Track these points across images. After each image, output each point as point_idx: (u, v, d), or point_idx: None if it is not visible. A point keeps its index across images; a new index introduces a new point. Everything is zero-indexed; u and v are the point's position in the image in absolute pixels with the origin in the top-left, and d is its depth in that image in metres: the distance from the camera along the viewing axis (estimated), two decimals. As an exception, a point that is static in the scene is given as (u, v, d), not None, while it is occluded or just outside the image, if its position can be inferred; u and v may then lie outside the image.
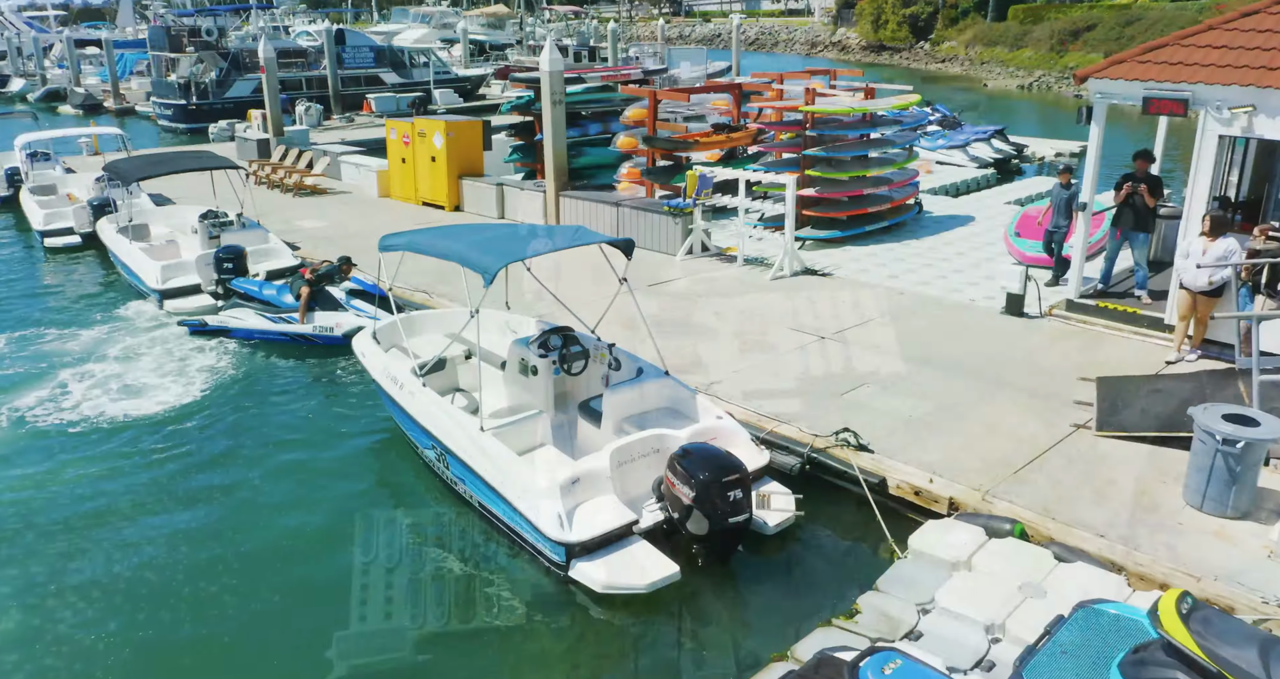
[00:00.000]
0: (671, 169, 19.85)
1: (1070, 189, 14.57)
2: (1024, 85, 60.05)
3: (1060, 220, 14.70)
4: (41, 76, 61.05)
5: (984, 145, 28.37)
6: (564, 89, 18.81)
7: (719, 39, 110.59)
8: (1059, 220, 14.73)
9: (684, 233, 16.90)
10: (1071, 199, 14.41)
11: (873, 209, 18.04)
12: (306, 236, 19.16)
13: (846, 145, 17.86)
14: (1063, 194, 14.64)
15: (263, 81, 29.34)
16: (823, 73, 24.08)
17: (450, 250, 9.56)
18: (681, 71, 47.38)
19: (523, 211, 20.18)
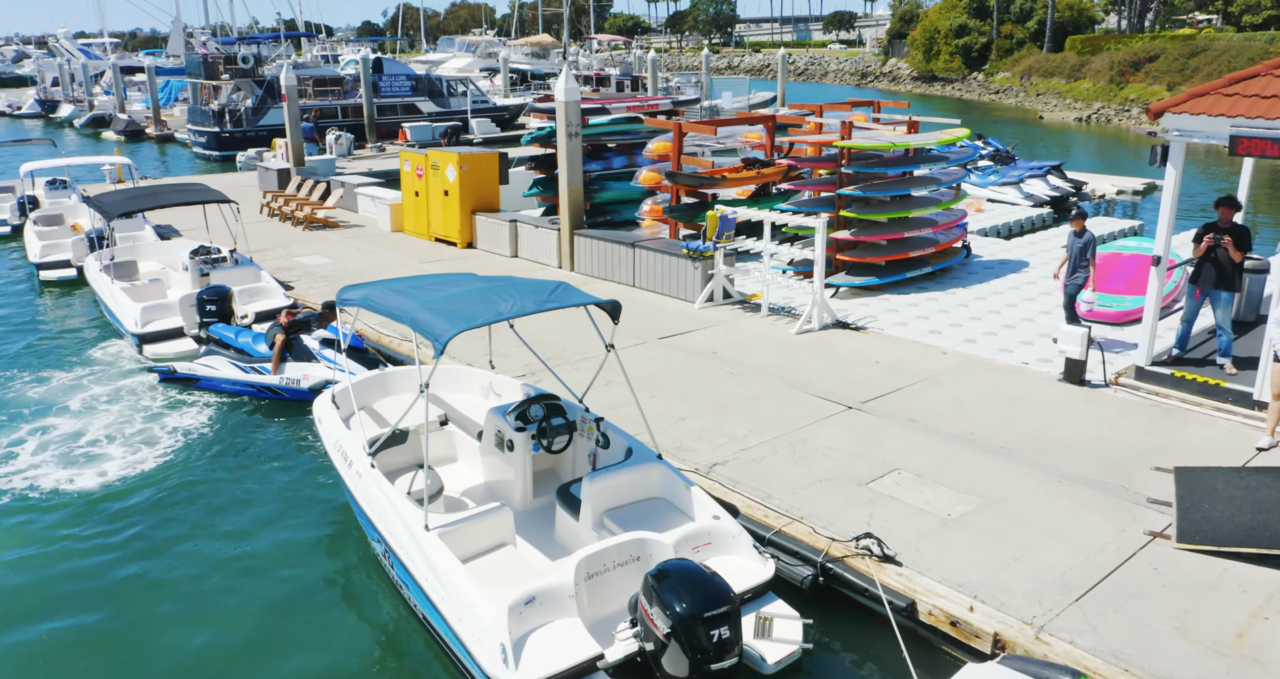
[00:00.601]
0: (697, 207, 18.39)
1: (1084, 237, 12.85)
2: (1082, 118, 57.84)
3: (1078, 275, 12.96)
4: (89, 103, 61.68)
5: (1039, 182, 26.55)
6: (580, 120, 17.49)
7: (768, 69, 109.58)
8: (1076, 274, 12.98)
9: (704, 278, 15.41)
10: (1086, 249, 12.76)
11: (915, 254, 16.41)
12: (304, 274, 17.98)
13: (886, 183, 16.28)
14: (1077, 243, 12.90)
15: (286, 109, 28.51)
16: (865, 104, 22.52)
17: (402, 310, 8.16)
18: (723, 101, 46.11)
19: (536, 250, 18.84)
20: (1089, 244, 12.80)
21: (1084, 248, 12.84)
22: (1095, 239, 12.92)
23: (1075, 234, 13.00)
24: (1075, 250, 12.92)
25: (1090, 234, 12.84)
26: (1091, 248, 12.77)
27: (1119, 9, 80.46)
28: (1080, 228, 12.98)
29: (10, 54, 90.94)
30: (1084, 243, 12.86)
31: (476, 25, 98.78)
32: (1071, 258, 12.98)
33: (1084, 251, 12.82)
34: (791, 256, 15.02)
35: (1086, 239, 12.85)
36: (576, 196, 17.73)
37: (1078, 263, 12.91)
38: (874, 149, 15.93)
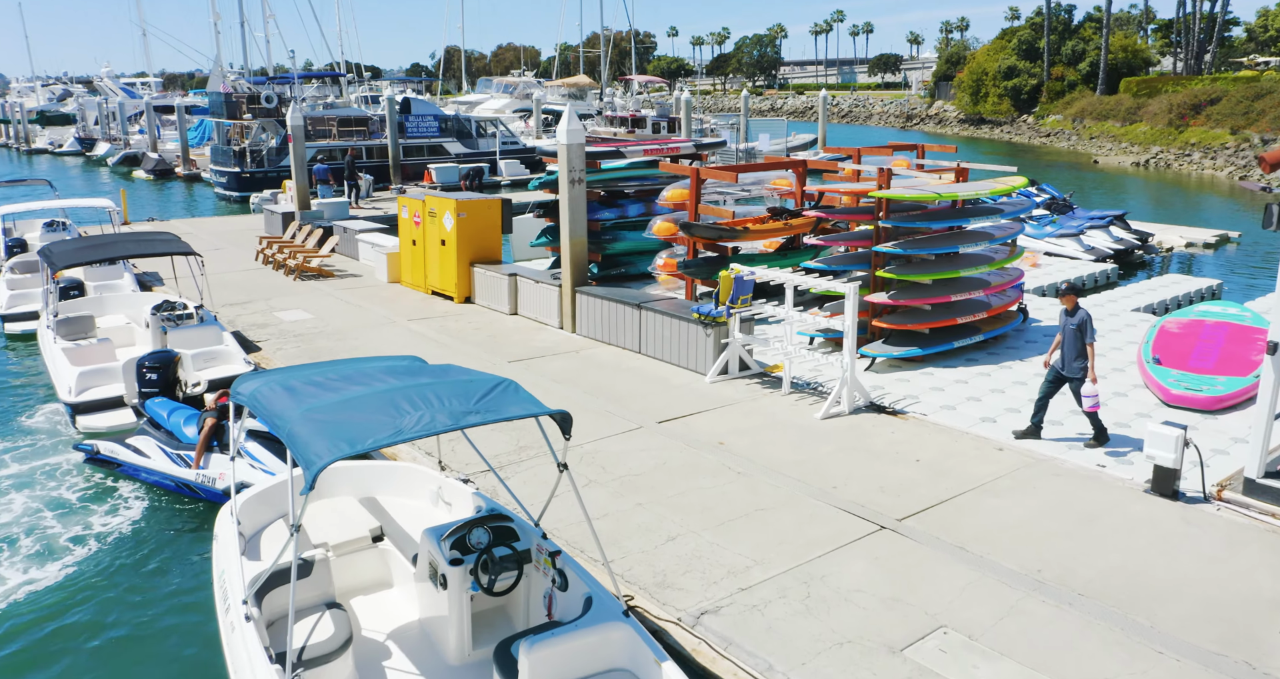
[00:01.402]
0: (715, 262, 16.39)
1: (1077, 316, 10.66)
2: (1140, 162, 55.18)
3: (1071, 361, 10.72)
4: (125, 141, 61.59)
5: (1101, 233, 24.21)
6: (585, 165, 15.62)
7: (811, 111, 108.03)
8: (1069, 361, 10.74)
9: (717, 347, 13.34)
10: (1082, 331, 10.57)
11: (963, 319, 14.21)
12: (277, 333, 16.21)
13: (931, 239, 14.16)
14: (1069, 324, 10.71)
15: (291, 150, 27.11)
16: (908, 147, 20.44)
17: (282, 418, 6.19)
18: (759, 144, 44.34)
19: (537, 308, 16.92)
20: (1083, 325, 10.61)
21: (1079, 329, 10.64)
22: (1091, 319, 10.71)
23: (1066, 313, 10.81)
24: (1068, 333, 10.73)
25: (1084, 313, 10.66)
26: (1089, 330, 10.59)
27: (1174, 51, 77.83)
28: (1072, 305, 10.77)
29: (57, 92, 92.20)
30: (1078, 323, 10.67)
31: (529, 69, 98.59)
32: (1064, 339, 10.78)
33: (1079, 334, 10.63)
34: (820, 325, 12.92)
35: (1080, 319, 10.66)
36: (579, 250, 15.82)
37: (1070, 346, 10.70)
38: (917, 200, 13.85)
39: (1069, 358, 10.76)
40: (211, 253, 24.29)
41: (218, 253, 24.34)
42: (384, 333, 16.07)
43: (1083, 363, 10.65)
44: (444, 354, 14.66)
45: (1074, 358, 10.71)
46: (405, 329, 16.35)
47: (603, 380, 13.28)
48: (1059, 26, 78.61)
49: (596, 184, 19.43)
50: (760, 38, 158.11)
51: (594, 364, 14.14)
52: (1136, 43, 78.20)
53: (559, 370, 13.80)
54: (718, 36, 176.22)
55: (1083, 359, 10.65)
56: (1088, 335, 10.61)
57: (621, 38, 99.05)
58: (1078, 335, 10.66)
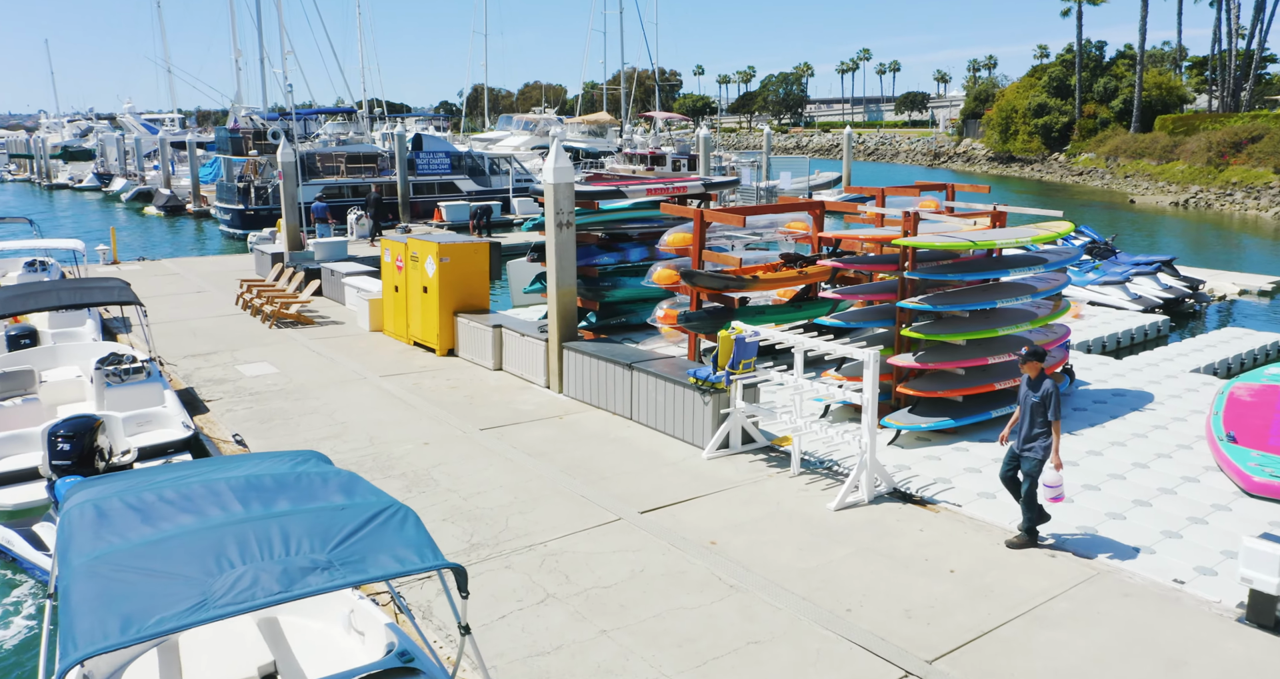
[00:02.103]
0: (720, 314, 14.66)
1: (1042, 387, 8.83)
2: (1179, 202, 53.06)
3: (1028, 439, 8.90)
4: (140, 177, 61.14)
5: (1148, 280, 22.27)
6: (574, 207, 13.99)
7: (836, 149, 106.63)
8: (1026, 438, 8.93)
9: (716, 418, 11.55)
10: (1044, 404, 8.76)
11: (1002, 385, 12.35)
12: (234, 390, 14.60)
13: (964, 294, 12.35)
14: (1031, 396, 8.90)
15: (281, 188, 25.79)
16: (936, 187, 18.69)
17: (64, 564, 4.49)
18: (781, 182, 42.78)
19: (522, 364, 15.23)
20: (1048, 399, 8.78)
21: (1042, 403, 8.80)
22: (1058, 391, 8.90)
23: (1029, 382, 8.99)
24: (1028, 406, 8.90)
25: (1050, 384, 8.83)
26: (1053, 403, 8.75)
27: (1209, 88, 75.83)
28: (1035, 373, 8.96)
29: (82, 128, 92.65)
30: (1042, 395, 8.83)
31: (550, 106, 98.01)
32: (1024, 416, 8.94)
33: (1043, 408, 8.79)
34: (834, 394, 11.11)
35: (1045, 391, 8.83)
36: (568, 300, 14.13)
37: (1030, 420, 8.86)
38: (948, 249, 12.08)
39: (1024, 434, 8.93)
40: (192, 296, 22.90)
41: (199, 296, 22.94)
42: (349, 392, 14.42)
43: (1044, 443, 8.81)
44: (408, 419, 12.97)
45: (1032, 436, 8.88)
46: (374, 387, 14.69)
47: (584, 455, 11.52)
48: (1090, 63, 76.92)
49: (596, 226, 17.85)
50: (786, 76, 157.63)
51: (578, 433, 12.39)
52: (1171, 80, 76.29)
53: (536, 441, 12.06)
54: (744, 75, 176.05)
55: (1044, 438, 8.81)
56: (1051, 411, 8.77)
57: (647, 76, 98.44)
58: (1040, 410, 8.83)
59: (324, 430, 12.55)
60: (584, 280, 17.70)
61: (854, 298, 12.85)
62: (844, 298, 12.69)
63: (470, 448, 11.78)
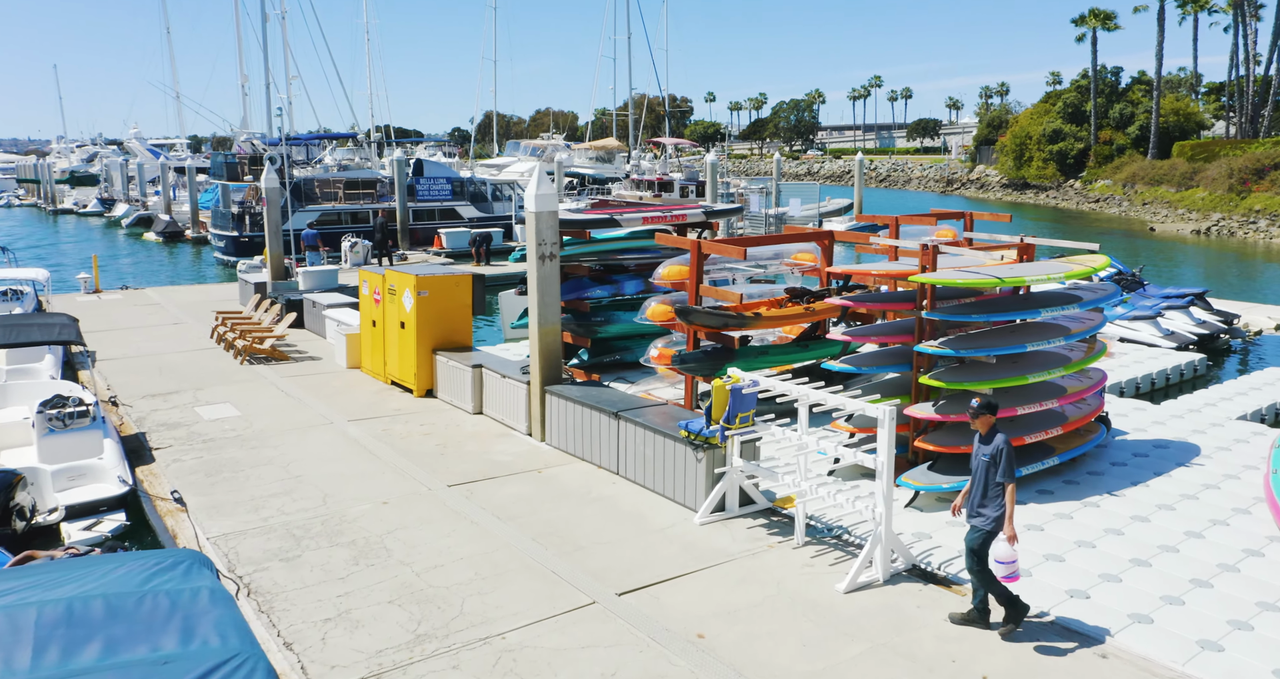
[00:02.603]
0: (718, 354, 13.38)
1: (993, 443, 7.62)
2: (1200, 230, 51.63)
3: (978, 506, 7.70)
4: (143, 203, 60.47)
5: (1181, 315, 20.87)
6: (558, 238, 12.76)
7: (848, 175, 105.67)
8: (975, 505, 7.73)
9: (710, 476, 10.22)
10: (997, 461, 7.53)
11: (1033, 438, 11.00)
12: (187, 436, 13.35)
13: (991, 336, 11.03)
14: (982, 453, 7.69)
15: (266, 216, 24.72)
16: (954, 215, 17.42)
17: None
18: (790, 209, 41.61)
19: (503, 407, 13.95)
20: (999, 457, 7.52)
21: (994, 461, 7.55)
22: (1010, 449, 7.59)
23: (981, 440, 7.76)
24: (980, 466, 7.66)
25: (1003, 439, 7.57)
26: (1004, 462, 7.48)
27: (1228, 115, 74.57)
28: (987, 428, 7.71)
29: (89, 152, 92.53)
30: (993, 452, 7.58)
31: (558, 132, 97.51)
32: (975, 479, 7.70)
33: (993, 466, 7.55)
34: (845, 439, 9.77)
35: (996, 448, 7.58)
36: (551, 340, 12.86)
37: (982, 487, 7.63)
38: (972, 287, 10.77)
39: (975, 500, 7.67)
40: (168, 328, 21.75)
41: (175, 328, 21.78)
42: (310, 439, 13.15)
43: (996, 511, 7.54)
44: (370, 472, 11.68)
45: (983, 502, 7.62)
46: (339, 434, 13.42)
47: (561, 518, 10.20)
48: (1105, 89, 75.81)
49: (588, 256, 16.64)
50: (798, 103, 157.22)
51: (556, 490, 11.08)
52: (1189, 106, 75.06)
53: (509, 500, 10.74)
54: (755, 101, 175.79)
55: (996, 505, 7.54)
56: (1002, 471, 7.48)
57: (657, 102, 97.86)
58: (992, 471, 7.55)
59: (273, 486, 11.27)
60: (575, 315, 16.48)
61: (866, 339, 11.54)
62: (855, 340, 11.38)
63: (434, 509, 10.48)
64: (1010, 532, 7.50)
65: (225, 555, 9.33)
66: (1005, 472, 7.55)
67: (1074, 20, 73.92)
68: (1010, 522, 7.51)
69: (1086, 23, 73.21)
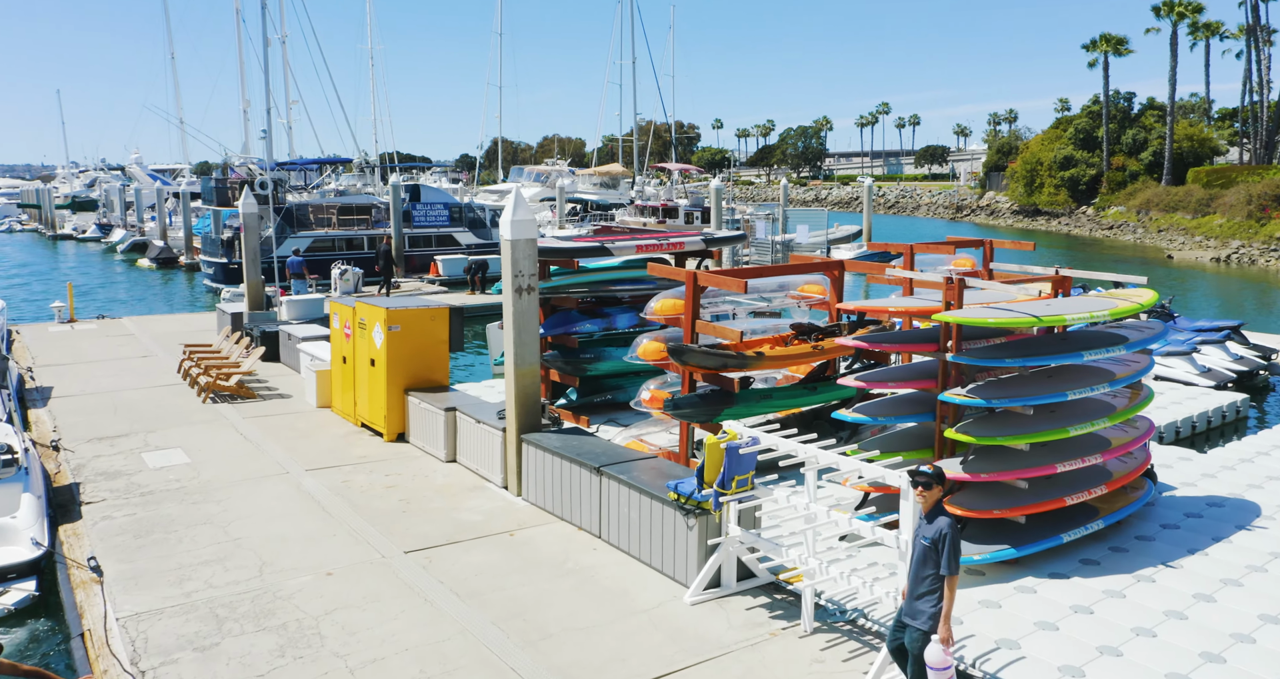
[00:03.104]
0: (716, 399, 12.00)
1: (935, 524, 6.35)
2: (1220, 258, 50.21)
3: (914, 598, 6.47)
4: (140, 228, 59.65)
5: (1216, 349, 19.45)
6: (536, 268, 11.44)
7: (856, 202, 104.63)
8: (911, 598, 6.49)
9: (703, 547, 8.81)
10: (936, 548, 6.29)
11: (1073, 499, 9.58)
12: (125, 488, 11.99)
13: (1024, 382, 9.64)
14: (924, 533, 6.42)
15: (243, 241, 23.51)
16: (972, 244, 16.09)
17: None
18: (798, 235, 40.38)
19: (477, 455, 12.57)
20: (940, 541, 6.25)
21: (934, 547, 6.28)
22: (955, 535, 6.27)
23: (924, 517, 6.45)
24: (918, 550, 6.40)
25: (946, 521, 6.28)
26: (946, 550, 6.22)
27: (1241, 141, 73.32)
28: (931, 504, 6.41)
29: (90, 178, 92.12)
30: (934, 537, 6.29)
31: (565, 158, 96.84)
32: (912, 564, 6.46)
33: (934, 552, 6.29)
34: (857, 502, 8.38)
35: (939, 530, 6.29)
36: (529, 382, 11.51)
37: (925, 578, 6.37)
38: (1005, 326, 9.39)
39: (912, 591, 6.40)
40: (136, 361, 20.47)
41: (144, 361, 20.50)
42: (261, 493, 11.78)
43: (935, 607, 6.27)
44: (319, 534, 10.30)
45: (920, 594, 6.35)
46: (294, 486, 12.05)
47: (531, 596, 8.79)
48: (1117, 115, 74.70)
49: (577, 288, 15.34)
50: (805, 129, 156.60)
51: (529, 558, 9.68)
52: (1202, 131, 73.87)
53: (472, 571, 9.34)
54: (763, 128, 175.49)
55: (934, 598, 6.28)
56: (944, 562, 6.21)
57: (664, 129, 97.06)
58: (931, 557, 6.26)
59: (207, 551, 9.89)
60: (562, 351, 15.16)
61: (882, 386, 10.14)
62: (869, 387, 9.99)
63: (384, 582, 9.09)
64: (945, 632, 6.18)
65: (133, 641, 7.95)
66: (948, 562, 6.26)
67: (1085, 46, 72.97)
68: (946, 621, 6.21)
69: (1098, 48, 72.23)
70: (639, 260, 15.99)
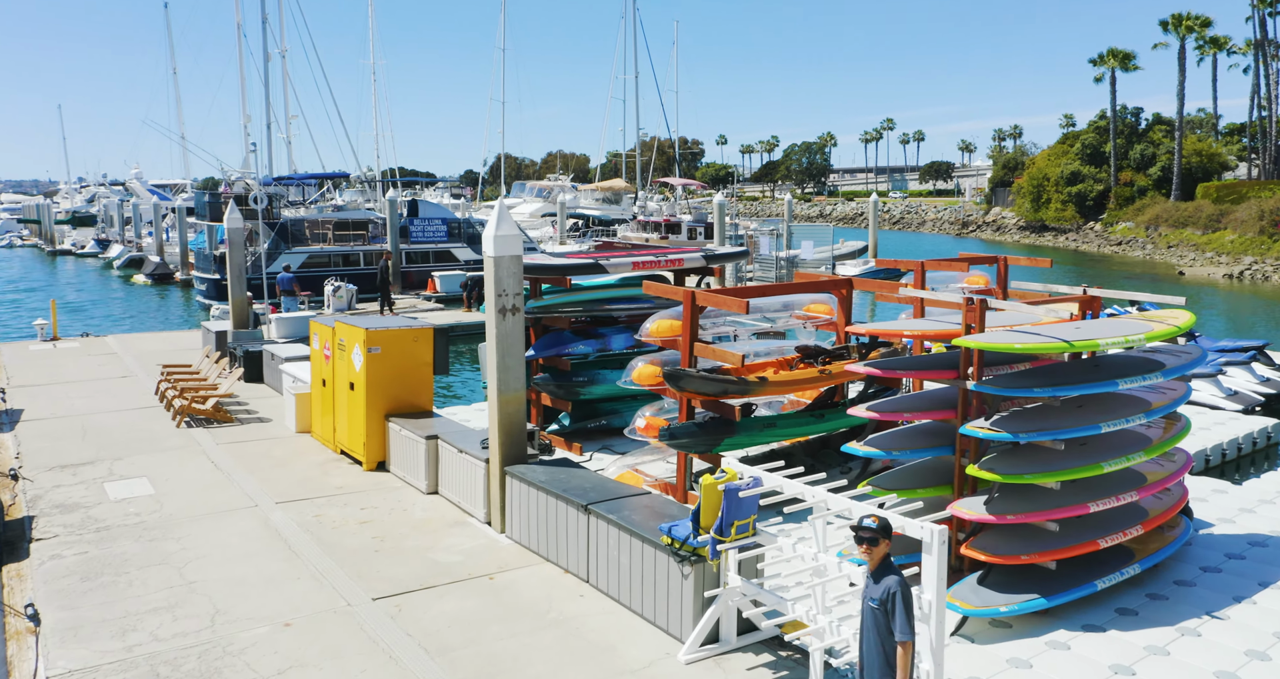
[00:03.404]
0: (715, 427, 11.16)
1: (883, 583, 5.67)
2: (1232, 274, 49.31)
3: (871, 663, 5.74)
4: (136, 244, 59.09)
5: (1241, 371, 18.57)
6: (521, 287, 10.62)
7: (860, 218, 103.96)
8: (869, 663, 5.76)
9: (699, 597, 7.94)
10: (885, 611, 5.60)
11: (1107, 541, 8.71)
12: (80, 523, 11.14)
13: (1054, 414, 8.78)
14: (870, 595, 5.74)
15: (228, 257, 22.75)
16: (986, 260, 15.24)
17: None
18: (803, 251, 39.56)
19: (460, 487, 11.71)
20: (890, 601, 5.55)
21: (882, 608, 5.58)
22: (906, 593, 5.55)
23: (870, 577, 5.74)
24: (869, 617, 5.68)
25: (895, 581, 5.58)
26: (898, 613, 5.52)
27: (1250, 156, 72.54)
28: (877, 561, 5.72)
29: (90, 193, 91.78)
30: (882, 598, 5.59)
31: (566, 173, 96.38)
32: (864, 628, 5.75)
33: (883, 615, 5.59)
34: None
35: (887, 590, 5.58)
36: (513, 410, 10.67)
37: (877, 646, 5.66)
38: (1033, 352, 8.54)
39: (868, 662, 5.66)
40: (114, 382, 19.66)
41: (123, 382, 19.69)
42: (224, 528, 10.93)
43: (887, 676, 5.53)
44: (282, 577, 9.43)
45: (871, 664, 5.64)
46: (261, 521, 11.20)
47: (508, 652, 7.92)
48: (1125, 130, 73.98)
49: (570, 307, 14.54)
50: (809, 145, 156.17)
51: (509, 606, 8.80)
52: (1211, 146, 73.10)
53: (446, 622, 8.47)
54: (767, 144, 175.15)
55: (885, 673, 5.55)
56: (897, 627, 5.49)
57: (668, 145, 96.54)
58: (880, 620, 5.55)
59: (157, 596, 9.04)
60: (554, 374, 14.33)
61: (896, 417, 9.28)
62: (882, 418, 9.14)
63: (347, 634, 8.22)
64: None
65: (60, 706, 7.09)
66: (901, 627, 5.50)
67: (1092, 60, 72.35)
68: None
69: (1105, 62, 71.60)
70: (636, 278, 15.19)
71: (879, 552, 5.71)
